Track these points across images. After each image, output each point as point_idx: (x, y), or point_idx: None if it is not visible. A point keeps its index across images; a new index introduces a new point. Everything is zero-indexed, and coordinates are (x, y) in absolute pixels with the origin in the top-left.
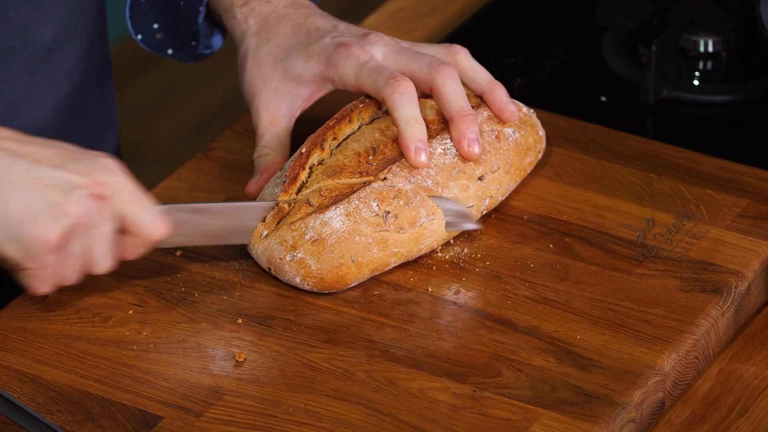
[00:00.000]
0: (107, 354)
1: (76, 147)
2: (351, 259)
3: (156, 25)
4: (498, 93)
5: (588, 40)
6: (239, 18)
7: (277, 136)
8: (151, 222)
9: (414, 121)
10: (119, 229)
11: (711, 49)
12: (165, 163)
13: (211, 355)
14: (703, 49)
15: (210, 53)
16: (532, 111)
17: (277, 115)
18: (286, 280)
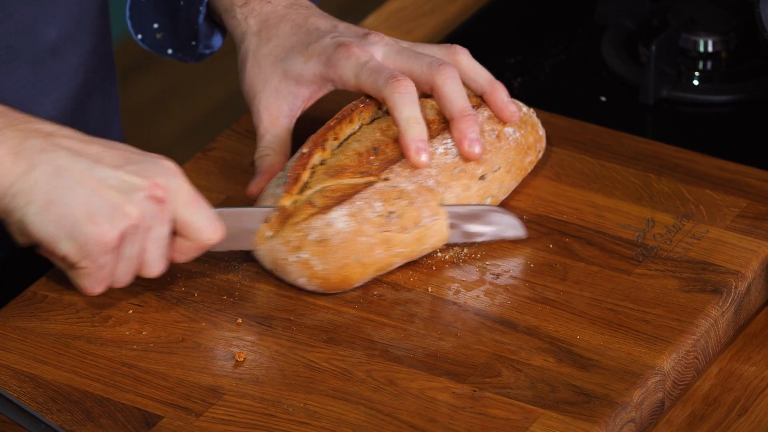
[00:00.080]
0: (107, 353)
1: (135, 148)
2: (355, 259)
3: (156, 25)
4: (498, 93)
5: (588, 39)
6: (239, 18)
7: (277, 137)
8: (206, 226)
9: (414, 121)
10: (172, 232)
11: (711, 48)
12: None
13: (210, 355)
14: (702, 48)
15: (210, 53)
16: (531, 110)
17: (278, 116)
18: (290, 280)
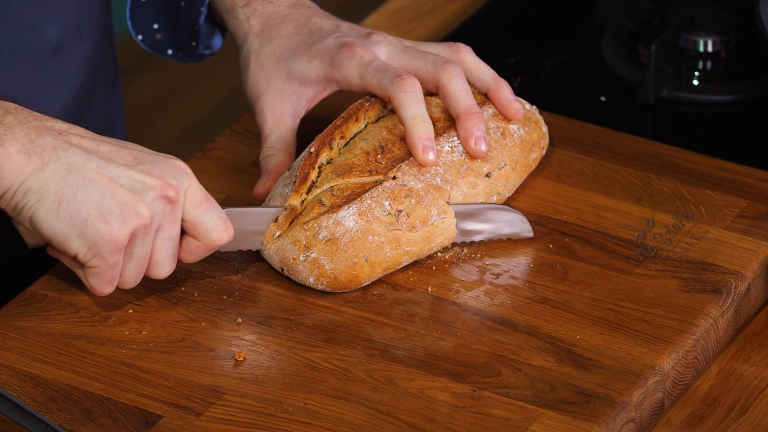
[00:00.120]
0: (107, 353)
1: (146, 148)
2: (364, 258)
3: (156, 26)
4: (503, 90)
5: (587, 39)
6: (241, 18)
7: (282, 137)
8: (217, 226)
9: (420, 119)
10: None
11: (710, 48)
12: None
13: (210, 355)
14: (702, 48)
15: (210, 53)
16: (534, 108)
17: (282, 116)
18: (299, 280)
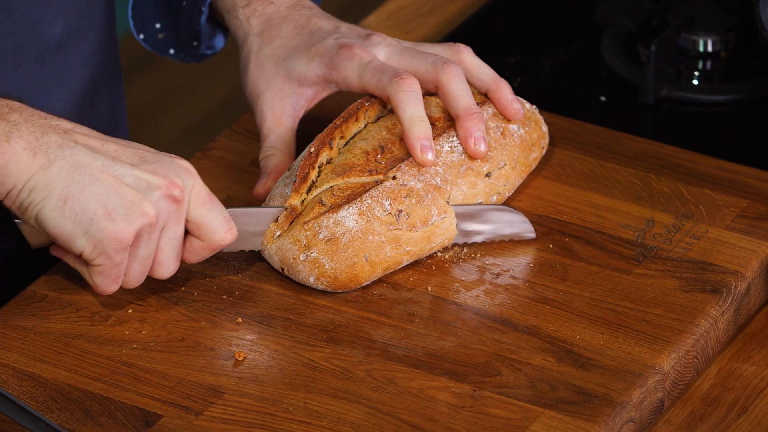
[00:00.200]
0: (107, 352)
1: (150, 147)
2: (365, 258)
3: (158, 25)
4: (503, 90)
5: (587, 39)
6: (242, 18)
7: (282, 137)
8: (220, 226)
9: (419, 119)
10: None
11: (710, 48)
12: None
13: (210, 354)
14: (702, 48)
15: (212, 53)
16: (534, 107)
17: (282, 116)
18: (299, 279)
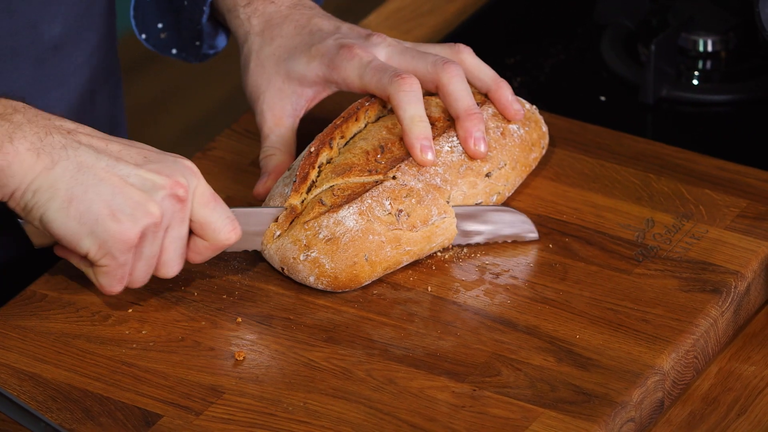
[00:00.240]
0: (107, 352)
1: (153, 147)
2: (365, 257)
3: (160, 25)
4: (503, 90)
5: (587, 39)
6: (242, 18)
7: (282, 137)
8: (224, 226)
9: (418, 119)
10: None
11: (710, 48)
12: None
13: (210, 354)
14: (702, 48)
15: (214, 53)
16: (534, 107)
17: (282, 116)
18: (299, 279)
